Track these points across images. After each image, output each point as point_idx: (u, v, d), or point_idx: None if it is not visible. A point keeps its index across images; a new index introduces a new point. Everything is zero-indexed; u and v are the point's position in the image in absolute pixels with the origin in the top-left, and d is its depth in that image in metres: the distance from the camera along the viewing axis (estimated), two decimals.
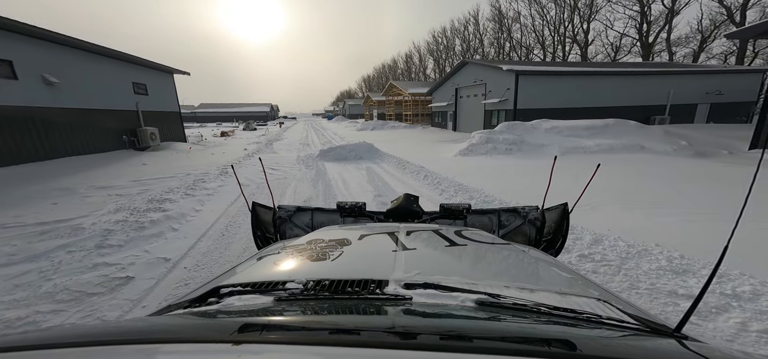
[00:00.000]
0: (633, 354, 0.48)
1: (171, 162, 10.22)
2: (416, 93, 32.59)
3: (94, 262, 3.33)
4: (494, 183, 6.75)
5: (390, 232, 1.19)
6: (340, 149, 11.39)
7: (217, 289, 0.79)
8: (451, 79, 24.24)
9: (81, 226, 4.10)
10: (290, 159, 11.12)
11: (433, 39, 60.00)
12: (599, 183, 6.29)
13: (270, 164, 9.94)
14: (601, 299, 0.77)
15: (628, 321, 0.66)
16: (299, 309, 0.67)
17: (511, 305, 0.65)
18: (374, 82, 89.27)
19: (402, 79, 61.67)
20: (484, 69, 19.91)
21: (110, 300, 2.78)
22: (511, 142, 10.84)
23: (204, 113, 69.29)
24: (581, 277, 0.95)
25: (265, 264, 0.97)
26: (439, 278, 0.76)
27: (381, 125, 30.72)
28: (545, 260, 1.09)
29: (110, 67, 11.59)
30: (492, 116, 19.31)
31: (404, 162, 9.65)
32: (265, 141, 19.33)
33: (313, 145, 17.17)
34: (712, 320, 2.34)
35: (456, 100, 24.03)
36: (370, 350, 0.44)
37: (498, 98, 17.93)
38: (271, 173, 8.60)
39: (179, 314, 0.72)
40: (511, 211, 1.89)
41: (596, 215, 4.56)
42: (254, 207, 1.83)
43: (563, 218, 1.70)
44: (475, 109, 21.29)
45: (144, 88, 13.25)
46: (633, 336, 0.59)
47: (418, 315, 0.61)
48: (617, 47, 32.02)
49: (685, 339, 0.60)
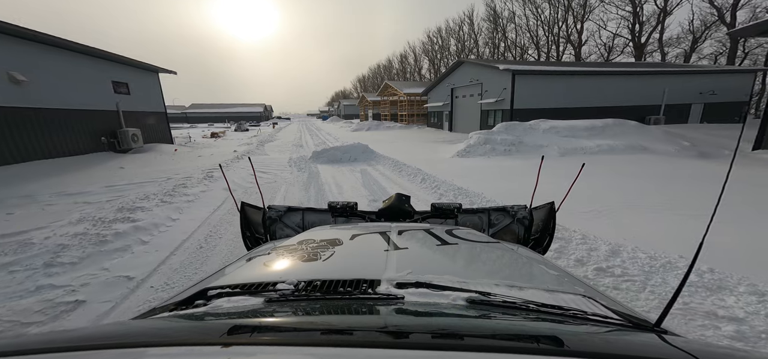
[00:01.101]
0: (617, 349, 0.49)
1: (152, 165, 9.64)
2: (412, 93, 32.31)
3: (38, 284, 2.84)
4: (494, 186, 6.39)
5: (382, 232, 1.18)
6: (334, 150, 10.97)
7: (204, 291, 0.77)
8: (447, 79, 23.97)
9: (31, 241, 3.58)
10: (281, 162, 10.65)
11: (428, 39, 59.96)
12: (607, 186, 6.01)
13: (260, 167, 9.46)
14: (587, 295, 0.78)
15: (612, 316, 0.68)
16: (290, 309, 0.66)
17: (502, 303, 0.66)
18: (369, 82, 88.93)
19: (397, 79, 61.46)
20: (480, 69, 19.67)
21: (50, 330, 2.30)
22: (509, 143, 10.53)
23: (195, 114, 68.43)
24: (568, 274, 0.97)
25: (255, 265, 0.95)
26: (430, 277, 0.76)
27: (376, 125, 30.40)
28: (534, 258, 1.10)
29: (87, 66, 10.91)
30: (488, 116, 19.07)
31: (401, 164, 9.30)
32: (257, 142, 18.79)
33: (306, 146, 16.72)
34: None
35: (452, 100, 23.77)
36: (363, 350, 0.43)
37: (494, 98, 17.68)
38: (260, 177, 8.11)
39: (164, 317, 0.70)
40: (501, 210, 1.91)
41: (608, 222, 4.21)
42: (243, 207, 1.79)
43: (550, 216, 1.72)
44: (472, 109, 21.04)
45: (125, 88, 12.58)
46: (617, 331, 0.61)
47: (410, 314, 0.61)
48: (610, 47, 32.22)
49: (665, 333, 0.62)
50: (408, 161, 9.60)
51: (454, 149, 11.65)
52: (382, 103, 41.28)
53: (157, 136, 14.54)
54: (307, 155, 11.33)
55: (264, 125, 47.96)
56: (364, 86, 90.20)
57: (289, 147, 16.35)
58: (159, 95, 15.03)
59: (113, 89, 11.90)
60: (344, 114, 68.74)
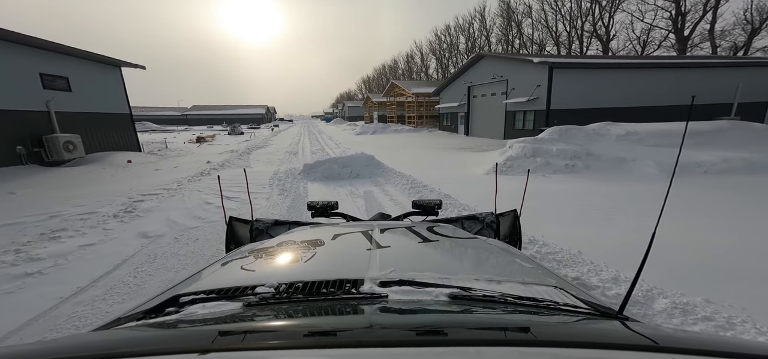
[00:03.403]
0: (585, 337, 0.52)
1: (72, 188, 6.87)
2: (421, 93, 29.39)
3: None
4: (603, 238, 3.43)
5: (364, 231, 1.15)
6: (331, 162, 8.24)
7: (175, 298, 0.70)
8: (464, 76, 20.98)
9: None
10: (264, 178, 7.87)
11: (436, 37, 56.87)
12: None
13: (231, 186, 6.68)
14: (558, 286, 0.80)
15: (580, 306, 0.69)
16: (272, 313, 0.62)
17: (482, 297, 0.66)
18: (374, 83, 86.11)
19: (403, 79, 58.63)
20: (505, 63, 16.64)
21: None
22: (571, 155, 7.52)
23: (196, 116, 66.69)
24: (540, 266, 0.99)
25: (231, 269, 0.89)
26: (413, 274, 0.74)
27: (382, 128, 27.58)
28: (509, 251, 1.12)
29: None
30: (515, 117, 16.04)
31: (418, 184, 6.51)
32: (245, 149, 16.12)
33: (301, 154, 14.02)
34: None
35: (469, 99, 20.76)
36: (348, 350, 0.43)
37: (525, 97, 14.64)
38: (225, 202, 5.25)
39: (131, 327, 0.63)
40: (472, 218, 1.89)
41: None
42: (231, 221, 1.75)
43: (514, 222, 1.77)
44: (494, 110, 18.03)
45: (64, 83, 9.88)
46: (585, 320, 0.64)
47: (394, 313, 0.60)
48: (645, 41, 28.61)
49: (627, 319, 0.65)
50: (427, 179, 6.78)
51: (486, 160, 8.71)
52: (389, 104, 38.53)
53: (116, 142, 11.86)
54: (298, 167, 8.69)
55: (264, 127, 45.32)
56: (368, 87, 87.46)
57: (280, 155, 13.65)
58: (121, 93, 12.34)
59: (42, 84, 9.19)
60: (349, 116, 66.18)
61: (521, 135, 15.30)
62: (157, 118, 60.26)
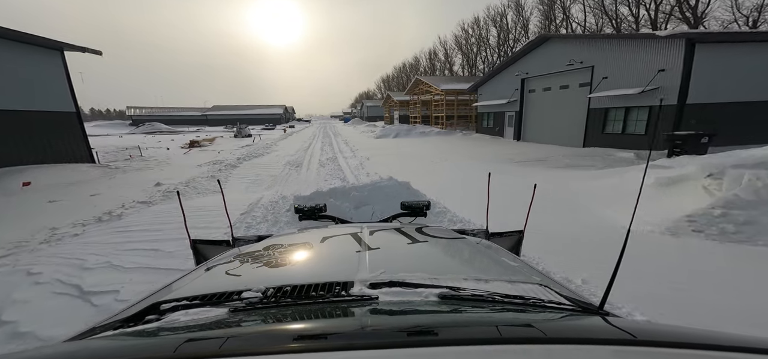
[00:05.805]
0: (569, 332, 0.53)
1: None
2: (452, 89, 24.99)
3: None
4: None
5: (353, 233, 1.14)
6: (341, 194, 4.73)
7: (156, 305, 0.67)
8: (515, 66, 16.48)
9: None
10: (237, 208, 4.16)
11: (463, 31, 51.74)
12: None
13: (155, 237, 2.97)
14: (542, 283, 0.81)
15: (564, 302, 0.71)
16: (259, 318, 0.60)
17: (471, 296, 0.67)
18: (393, 82, 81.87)
19: (427, 75, 54.13)
20: (588, 45, 12.00)
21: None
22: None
23: (216, 116, 66.32)
24: (525, 265, 1.01)
25: (216, 275, 0.87)
26: (403, 275, 0.74)
27: (406, 130, 23.35)
28: (495, 250, 1.12)
29: None
30: (607, 117, 11.40)
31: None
32: (238, 157, 12.75)
33: (306, 168, 10.40)
34: None
35: (522, 95, 16.23)
36: (339, 353, 0.42)
37: (635, 88, 9.94)
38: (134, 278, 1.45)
39: (107, 336, 0.60)
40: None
41: None
42: (194, 246, 1.44)
43: (517, 244, 1.60)
44: (565, 107, 13.46)
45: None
46: (569, 316, 0.65)
47: (385, 314, 0.59)
48: (759, 14, 21.82)
49: (607, 314, 0.66)
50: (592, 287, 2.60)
51: (627, 191, 4.49)
52: (412, 103, 34.41)
53: (54, 151, 8.68)
54: (299, 191, 5.00)
55: (279, 128, 42.49)
56: (388, 86, 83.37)
57: (278, 168, 10.13)
58: (63, 86, 9.18)
59: None
60: (367, 116, 62.56)
61: (621, 142, 10.63)
62: (177, 119, 59.95)
